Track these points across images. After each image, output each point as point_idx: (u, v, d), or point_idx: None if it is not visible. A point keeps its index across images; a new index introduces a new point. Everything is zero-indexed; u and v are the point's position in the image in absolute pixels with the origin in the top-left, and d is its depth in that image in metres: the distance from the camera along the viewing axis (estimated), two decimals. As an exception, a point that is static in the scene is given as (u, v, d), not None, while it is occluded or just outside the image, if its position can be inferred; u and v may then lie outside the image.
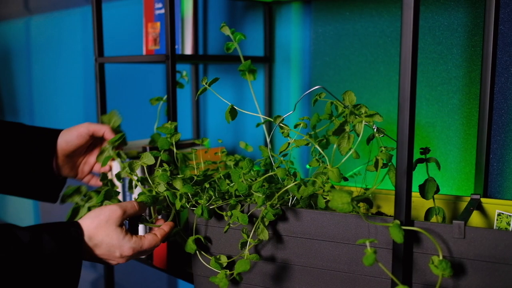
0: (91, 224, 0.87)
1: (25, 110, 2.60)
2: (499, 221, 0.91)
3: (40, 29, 2.37)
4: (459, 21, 1.07)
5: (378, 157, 0.80)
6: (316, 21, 1.32)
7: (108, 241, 0.87)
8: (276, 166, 0.94)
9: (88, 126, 1.05)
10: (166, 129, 1.01)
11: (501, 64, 1.01)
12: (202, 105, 1.63)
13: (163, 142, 1.00)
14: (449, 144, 1.12)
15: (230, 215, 0.88)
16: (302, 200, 0.89)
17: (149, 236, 0.92)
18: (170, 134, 1.01)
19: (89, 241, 0.86)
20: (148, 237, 0.92)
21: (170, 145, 1.00)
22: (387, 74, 1.20)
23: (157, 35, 1.37)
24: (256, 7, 1.44)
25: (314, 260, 0.84)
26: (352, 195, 0.69)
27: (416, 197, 0.93)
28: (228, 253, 0.92)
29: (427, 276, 0.76)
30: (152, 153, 0.97)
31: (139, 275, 1.99)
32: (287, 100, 1.42)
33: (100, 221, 0.87)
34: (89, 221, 0.87)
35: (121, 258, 0.89)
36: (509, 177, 1.03)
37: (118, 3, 1.89)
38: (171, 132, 1.01)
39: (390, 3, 1.18)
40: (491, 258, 0.72)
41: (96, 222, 0.87)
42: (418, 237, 0.76)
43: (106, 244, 0.87)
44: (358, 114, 0.83)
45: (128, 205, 0.91)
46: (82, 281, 2.38)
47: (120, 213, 0.89)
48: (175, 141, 1.01)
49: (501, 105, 1.02)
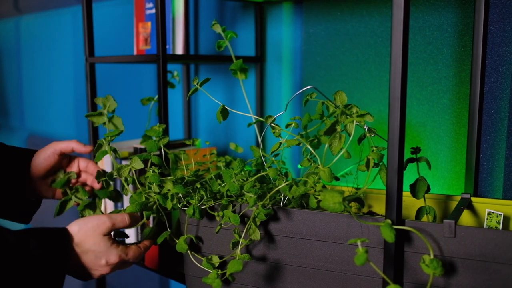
0: (79, 232, 0.88)
1: (15, 111, 2.58)
2: (489, 220, 0.92)
3: (30, 29, 2.35)
4: (449, 21, 1.08)
5: (369, 156, 0.81)
6: (307, 21, 1.32)
7: (95, 248, 0.88)
8: (268, 166, 0.94)
9: (54, 145, 1.04)
10: (155, 131, 1.01)
11: (490, 64, 1.02)
12: (194, 105, 1.63)
13: (152, 145, 1.00)
14: (439, 144, 1.12)
15: (221, 215, 0.88)
16: (293, 200, 0.89)
17: (133, 247, 0.94)
18: (159, 137, 1.01)
19: (76, 247, 0.87)
20: (132, 247, 0.94)
21: (158, 148, 1.00)
22: (378, 74, 1.21)
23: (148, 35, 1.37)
24: (247, 7, 1.44)
25: (306, 260, 0.84)
26: (344, 194, 0.69)
27: (407, 196, 0.93)
28: (220, 253, 0.92)
29: (418, 275, 0.76)
30: (141, 156, 0.97)
31: (131, 276, 1.98)
32: (279, 100, 1.42)
33: (87, 229, 0.88)
34: (77, 228, 0.88)
35: (106, 267, 0.90)
36: (499, 176, 1.04)
37: (109, 3, 1.89)
38: (159, 135, 1.01)
39: (380, 3, 1.18)
40: (481, 257, 0.72)
41: (84, 230, 0.88)
42: (409, 236, 0.76)
43: (93, 252, 0.88)
44: (349, 114, 0.84)
45: (118, 218, 0.91)
46: (73, 282, 2.37)
47: (109, 225, 0.90)
48: (163, 144, 1.01)
49: (491, 104, 1.03)
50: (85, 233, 0.88)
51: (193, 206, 0.89)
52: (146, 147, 1.06)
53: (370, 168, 0.80)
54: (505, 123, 1.02)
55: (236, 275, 0.91)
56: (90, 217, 0.90)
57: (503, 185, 1.03)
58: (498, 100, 1.02)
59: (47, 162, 1.03)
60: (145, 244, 0.97)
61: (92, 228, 0.88)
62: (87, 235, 0.88)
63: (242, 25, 1.47)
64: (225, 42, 1.00)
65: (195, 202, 0.90)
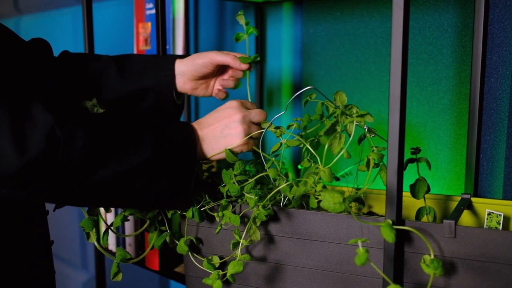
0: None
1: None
2: (489, 220, 0.92)
3: (30, 29, 2.35)
4: (449, 21, 1.08)
5: (369, 157, 0.81)
6: (307, 21, 1.32)
7: (209, 113, 0.89)
8: (268, 166, 0.94)
9: (212, 56, 1.00)
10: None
11: (490, 65, 1.02)
12: (194, 105, 1.63)
13: None
14: (439, 144, 1.12)
15: (221, 216, 0.88)
16: (294, 200, 0.89)
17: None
18: None
19: (194, 123, 0.89)
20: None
21: None
22: (378, 74, 1.21)
23: (148, 35, 1.37)
24: (247, 7, 1.44)
25: (306, 260, 0.85)
26: (344, 195, 0.69)
27: (407, 196, 0.93)
28: (220, 254, 0.92)
29: (419, 275, 0.76)
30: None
31: (131, 277, 1.98)
32: (279, 100, 1.42)
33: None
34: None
35: (231, 112, 0.88)
36: (499, 176, 1.04)
37: (109, 3, 1.89)
38: None
39: (380, 3, 1.18)
40: (482, 257, 0.72)
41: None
42: (409, 236, 0.76)
43: (208, 114, 0.89)
44: (349, 114, 0.84)
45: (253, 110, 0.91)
46: (73, 282, 2.37)
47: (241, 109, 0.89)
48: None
49: (491, 105, 1.03)
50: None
51: (192, 209, 0.89)
52: None
53: (370, 168, 0.80)
54: (505, 124, 1.02)
55: (237, 276, 0.91)
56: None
57: (503, 186, 1.03)
58: (498, 101, 1.02)
59: (202, 70, 1.00)
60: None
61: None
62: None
63: (242, 26, 1.47)
64: (243, 36, 1.00)
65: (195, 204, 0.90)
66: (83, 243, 2.29)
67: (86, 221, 0.93)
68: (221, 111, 0.89)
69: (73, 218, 2.27)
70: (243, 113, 0.88)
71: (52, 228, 0.99)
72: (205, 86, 1.03)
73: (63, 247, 2.38)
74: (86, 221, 0.93)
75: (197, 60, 0.99)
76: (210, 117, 0.89)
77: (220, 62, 0.99)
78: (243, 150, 0.89)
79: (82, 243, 2.29)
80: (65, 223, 2.31)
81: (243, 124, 0.87)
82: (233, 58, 0.99)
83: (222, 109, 0.89)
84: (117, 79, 0.99)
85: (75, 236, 2.31)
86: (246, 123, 0.87)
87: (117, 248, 0.93)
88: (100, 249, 0.93)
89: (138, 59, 1.02)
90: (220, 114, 0.88)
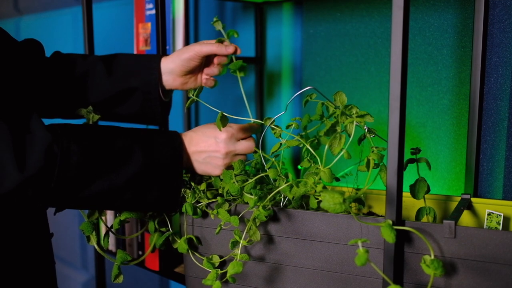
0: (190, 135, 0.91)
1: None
2: (489, 220, 0.92)
3: (30, 29, 2.35)
4: (449, 22, 1.08)
5: (369, 157, 0.81)
6: (307, 21, 1.32)
7: (202, 129, 0.91)
8: (268, 166, 0.94)
9: (196, 48, 1.00)
10: None
11: (490, 65, 1.02)
12: (194, 105, 1.63)
13: None
14: (439, 144, 1.12)
15: (216, 213, 0.89)
16: (294, 201, 0.89)
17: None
18: None
19: (184, 136, 0.90)
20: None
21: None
22: (377, 74, 1.21)
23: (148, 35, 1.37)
24: (247, 8, 1.44)
25: (306, 261, 0.85)
26: (344, 195, 0.69)
27: (407, 197, 0.93)
28: (220, 254, 0.92)
29: (419, 276, 0.76)
30: None
31: (131, 277, 1.98)
32: (278, 101, 1.42)
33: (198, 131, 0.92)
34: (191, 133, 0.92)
35: (218, 145, 0.89)
36: (499, 177, 1.04)
37: (109, 4, 1.89)
38: None
39: (380, 4, 1.18)
40: (482, 257, 0.72)
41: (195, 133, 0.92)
42: (409, 236, 0.76)
43: (200, 131, 0.90)
44: (349, 114, 0.84)
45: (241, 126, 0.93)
46: (73, 282, 2.37)
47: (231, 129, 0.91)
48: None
49: (491, 105, 1.03)
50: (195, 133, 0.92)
51: (185, 204, 0.90)
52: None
53: (370, 169, 0.80)
54: (505, 124, 1.02)
55: (236, 276, 0.91)
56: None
57: (503, 186, 1.03)
58: (498, 101, 1.02)
59: (189, 64, 1.00)
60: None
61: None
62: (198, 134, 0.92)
63: (242, 26, 1.47)
64: (224, 39, 1.01)
65: (190, 200, 0.91)
66: (83, 243, 2.29)
67: (86, 225, 0.93)
68: (211, 134, 0.90)
69: (73, 218, 2.27)
70: (229, 149, 0.90)
71: (52, 228, 0.99)
72: (193, 79, 1.04)
73: (63, 247, 2.38)
74: (86, 224, 0.93)
75: (183, 55, 1.00)
76: (201, 135, 0.91)
77: (206, 53, 0.99)
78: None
79: (82, 243, 2.29)
80: (65, 223, 2.31)
81: (225, 159, 0.90)
82: (217, 46, 1.00)
83: (213, 132, 0.90)
84: (105, 79, 1.01)
85: (75, 236, 2.31)
86: (228, 158, 0.90)
87: (118, 250, 0.93)
88: (100, 252, 0.93)
89: (125, 59, 1.03)
90: (208, 139, 0.90)
